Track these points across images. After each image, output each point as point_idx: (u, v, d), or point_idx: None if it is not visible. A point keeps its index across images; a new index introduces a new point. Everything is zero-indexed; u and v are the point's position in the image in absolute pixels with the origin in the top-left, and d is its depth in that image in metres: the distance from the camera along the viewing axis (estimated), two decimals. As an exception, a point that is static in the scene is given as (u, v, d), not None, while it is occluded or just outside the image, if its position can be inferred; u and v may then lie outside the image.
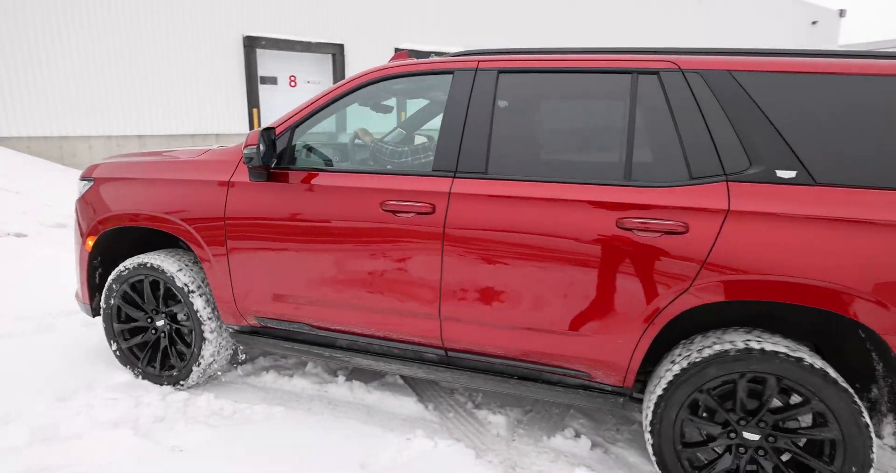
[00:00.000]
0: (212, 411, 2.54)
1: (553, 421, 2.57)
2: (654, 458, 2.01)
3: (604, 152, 2.21)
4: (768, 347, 1.84)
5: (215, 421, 2.47)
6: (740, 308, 2.08)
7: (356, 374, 2.92)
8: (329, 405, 2.66)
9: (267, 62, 12.85)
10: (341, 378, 2.85)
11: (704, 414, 1.98)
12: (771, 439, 1.89)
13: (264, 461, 2.18)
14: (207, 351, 2.68)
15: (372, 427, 2.45)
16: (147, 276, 2.70)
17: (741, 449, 1.93)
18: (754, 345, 1.85)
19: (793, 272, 1.79)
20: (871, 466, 1.78)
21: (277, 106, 13.26)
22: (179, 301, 2.71)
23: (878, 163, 1.79)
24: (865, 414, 1.77)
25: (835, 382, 1.77)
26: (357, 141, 3.02)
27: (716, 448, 1.98)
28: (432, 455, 2.23)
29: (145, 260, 2.70)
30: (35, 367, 2.89)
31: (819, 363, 1.80)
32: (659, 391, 1.97)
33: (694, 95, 1.99)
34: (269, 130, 2.39)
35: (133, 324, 2.80)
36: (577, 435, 2.44)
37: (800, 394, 1.83)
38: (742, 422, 1.91)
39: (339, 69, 13.66)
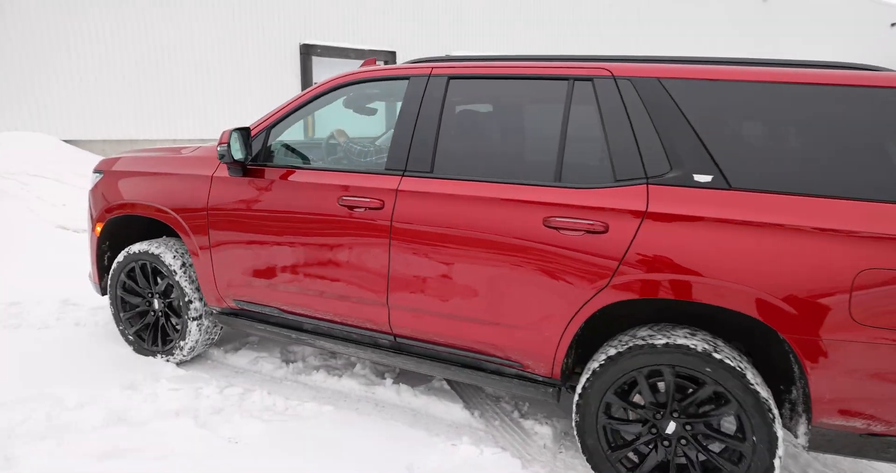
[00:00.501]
0: (265, 406, 2.64)
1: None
2: (585, 456, 2.10)
3: (538, 154, 2.29)
4: (671, 341, 1.93)
5: (268, 416, 2.56)
6: (677, 308, 2.14)
7: (403, 377, 2.97)
8: (376, 406, 2.72)
9: (322, 70, 13.28)
10: (388, 381, 2.90)
11: (625, 409, 2.06)
12: (688, 427, 1.98)
13: (316, 457, 2.25)
14: (194, 331, 2.95)
15: (418, 430, 2.49)
16: (140, 258, 3.00)
17: (665, 443, 2.01)
18: (656, 341, 1.95)
19: (703, 273, 1.87)
20: (776, 443, 1.86)
21: (330, 113, 13.60)
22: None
23: (789, 169, 1.86)
24: (765, 398, 1.85)
25: (730, 368, 1.85)
26: (332, 141, 3.18)
27: (642, 445, 2.06)
28: (478, 462, 2.24)
29: (145, 248, 2.99)
30: (107, 356, 3.09)
31: (720, 355, 1.87)
32: (580, 389, 2.09)
33: (623, 101, 2.07)
34: (242, 130, 2.63)
35: (136, 307, 3.12)
36: (626, 451, 2.39)
37: (704, 383, 1.92)
38: (657, 416, 2.00)
39: (391, 76, 13.97)
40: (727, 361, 1.87)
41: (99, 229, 3.14)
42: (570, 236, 2.05)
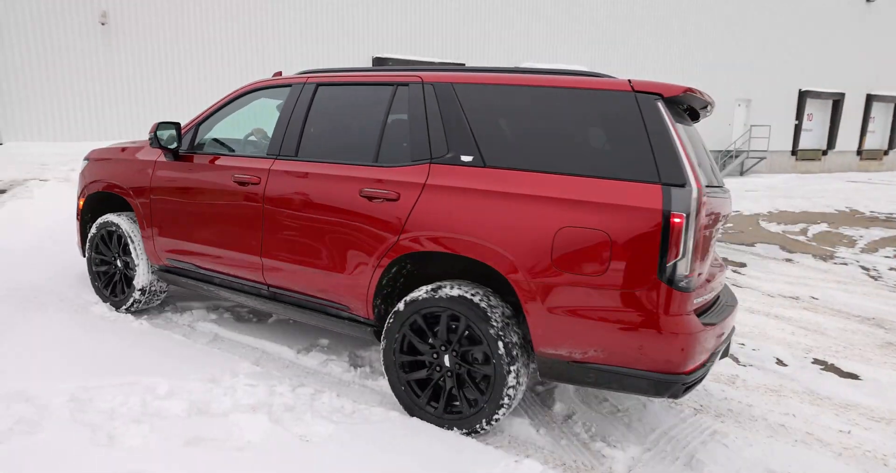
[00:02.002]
0: (334, 407, 2.72)
1: (675, 465, 2.41)
2: (388, 380, 2.70)
3: (366, 141, 2.85)
4: (447, 292, 2.47)
5: (337, 418, 2.64)
6: (456, 263, 2.67)
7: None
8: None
9: (394, 83, 13.66)
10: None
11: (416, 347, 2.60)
12: (454, 353, 2.50)
13: (383, 460, 2.29)
14: (139, 282, 3.66)
15: (483, 443, 2.48)
16: (107, 226, 3.76)
17: (448, 373, 2.54)
18: (447, 292, 2.47)
19: (459, 231, 2.41)
20: (504, 358, 2.35)
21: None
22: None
23: (521, 151, 2.41)
24: (501, 333, 2.35)
25: (476, 305, 2.39)
26: (251, 137, 3.85)
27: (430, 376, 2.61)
28: (542, 480, 2.20)
29: (111, 218, 3.74)
30: (187, 349, 3.30)
31: (477, 300, 2.40)
32: (385, 328, 2.67)
33: (424, 100, 2.67)
34: (170, 123, 3.37)
35: (105, 262, 3.88)
36: (700, 483, 2.27)
37: (472, 320, 2.41)
38: (439, 351, 2.54)
39: (460, 89, 14.17)
40: (481, 304, 2.40)
41: (81, 203, 3.99)
42: (374, 204, 2.66)
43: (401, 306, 2.60)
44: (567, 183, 2.26)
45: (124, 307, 3.70)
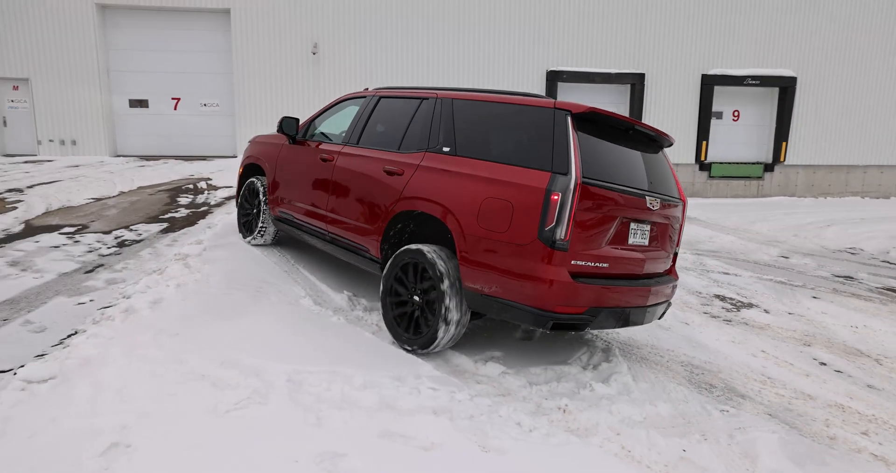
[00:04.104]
0: (513, 422, 2.75)
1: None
2: (382, 311, 3.78)
3: (396, 135, 3.99)
4: (414, 247, 3.51)
5: (515, 433, 2.65)
6: (430, 227, 3.72)
7: (650, 422, 2.77)
8: (623, 448, 2.59)
9: (566, 94, 13.49)
10: (642, 433, 2.74)
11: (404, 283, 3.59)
12: (419, 290, 3.48)
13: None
14: (267, 226, 5.26)
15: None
16: (251, 185, 5.37)
17: (414, 304, 3.52)
18: (411, 247, 3.54)
19: (431, 196, 3.46)
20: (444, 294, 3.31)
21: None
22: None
23: (478, 146, 3.45)
24: (445, 275, 3.32)
25: (425, 255, 3.41)
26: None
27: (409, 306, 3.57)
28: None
29: (253, 180, 5.36)
30: (378, 347, 3.61)
31: (431, 253, 3.42)
32: (384, 270, 3.75)
33: (434, 111, 3.79)
34: (293, 118, 4.83)
35: (247, 209, 5.51)
36: None
37: (426, 265, 3.41)
38: (414, 289, 3.52)
39: (636, 99, 13.43)
40: (429, 255, 3.37)
41: (241, 170, 5.64)
42: (389, 176, 3.78)
43: (391, 255, 3.81)
44: (497, 168, 3.23)
45: (250, 237, 5.34)
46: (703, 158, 14.10)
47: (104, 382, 2.68)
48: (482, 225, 3.13)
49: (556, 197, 2.90)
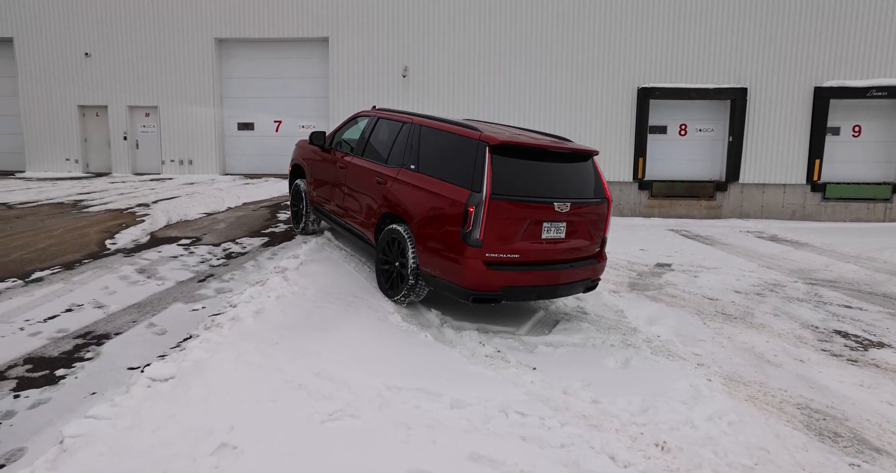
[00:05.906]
0: (606, 455, 2.61)
1: None
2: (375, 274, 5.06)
3: (384, 151, 5.27)
4: (391, 226, 4.75)
5: (607, 467, 2.52)
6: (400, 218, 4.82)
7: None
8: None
9: (658, 111, 12.96)
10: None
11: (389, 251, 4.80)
12: (398, 257, 4.66)
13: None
14: (310, 215, 6.78)
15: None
16: (296, 189, 6.92)
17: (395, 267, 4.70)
18: (390, 226, 4.80)
19: (398, 202, 4.70)
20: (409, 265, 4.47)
21: (663, 154, 13.15)
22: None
23: (436, 166, 4.53)
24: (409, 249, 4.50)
25: (399, 233, 4.59)
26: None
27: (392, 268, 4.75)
28: None
29: (299, 181, 6.90)
30: (466, 368, 3.59)
31: (402, 231, 4.59)
32: (378, 248, 4.93)
33: (410, 133, 4.96)
34: (320, 132, 6.26)
35: (295, 204, 7.11)
36: None
37: (399, 240, 4.62)
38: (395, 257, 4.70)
39: (737, 115, 12.61)
40: (403, 233, 4.54)
41: (290, 169, 7.23)
42: (378, 184, 5.02)
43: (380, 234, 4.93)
44: (440, 184, 4.33)
45: (301, 224, 6.87)
46: (815, 179, 12.86)
47: (214, 385, 2.89)
48: (429, 225, 4.32)
49: (471, 209, 3.96)
